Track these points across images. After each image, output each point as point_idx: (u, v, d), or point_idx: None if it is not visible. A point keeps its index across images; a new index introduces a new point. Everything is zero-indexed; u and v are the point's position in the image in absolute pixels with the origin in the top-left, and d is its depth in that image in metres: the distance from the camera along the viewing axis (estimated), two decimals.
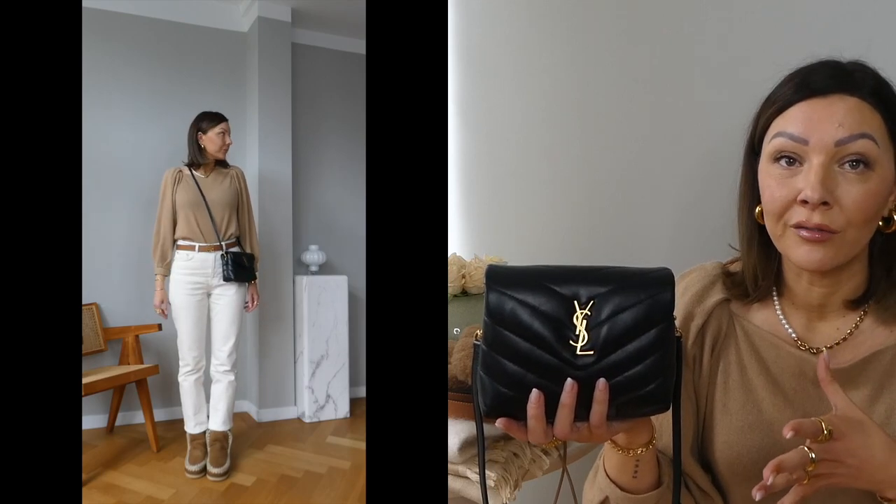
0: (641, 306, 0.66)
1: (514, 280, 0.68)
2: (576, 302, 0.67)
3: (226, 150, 2.58)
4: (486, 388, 0.68)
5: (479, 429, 0.77)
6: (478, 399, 0.70)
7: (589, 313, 0.67)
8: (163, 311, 2.55)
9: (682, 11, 1.41)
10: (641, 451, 0.80)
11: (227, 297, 2.56)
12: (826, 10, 1.22)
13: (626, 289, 0.67)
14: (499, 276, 0.69)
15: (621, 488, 0.85)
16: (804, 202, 0.76)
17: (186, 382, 2.57)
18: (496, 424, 0.70)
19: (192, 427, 2.60)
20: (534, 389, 0.66)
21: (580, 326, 0.67)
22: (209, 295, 2.57)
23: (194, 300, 2.53)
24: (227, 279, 2.52)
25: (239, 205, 2.64)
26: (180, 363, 2.57)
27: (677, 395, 0.71)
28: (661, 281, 0.67)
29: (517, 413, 0.68)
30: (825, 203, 0.75)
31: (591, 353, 0.66)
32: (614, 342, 0.66)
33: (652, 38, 1.47)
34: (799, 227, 0.78)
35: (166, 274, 2.52)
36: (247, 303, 2.66)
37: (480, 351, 0.69)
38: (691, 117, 1.41)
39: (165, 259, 2.52)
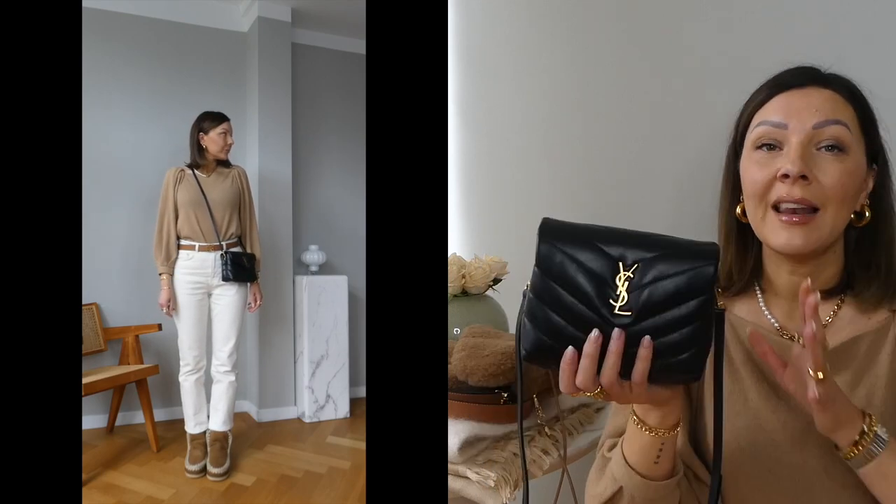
0: (684, 276, 0.68)
1: (565, 235, 0.71)
2: (621, 263, 0.69)
3: (227, 151, 2.58)
4: (528, 334, 0.71)
5: (520, 373, 0.80)
6: (519, 345, 0.73)
7: (632, 276, 0.69)
8: (168, 311, 2.52)
9: (682, 11, 1.41)
10: (667, 434, 0.80)
11: (227, 298, 2.56)
12: (826, 10, 1.22)
13: (671, 257, 0.69)
14: (552, 230, 0.72)
15: (640, 475, 0.85)
16: (785, 177, 0.81)
17: (187, 382, 2.57)
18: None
19: (192, 427, 2.60)
20: (569, 347, 0.69)
21: (621, 287, 0.69)
22: (210, 295, 2.57)
23: (195, 300, 2.52)
24: (226, 279, 2.51)
25: (241, 204, 2.63)
26: (181, 363, 2.57)
27: (719, 368, 0.74)
28: (707, 254, 0.69)
29: (553, 362, 0.70)
30: (804, 178, 0.80)
31: (629, 313, 0.68)
32: (652, 307, 0.68)
33: (652, 38, 1.47)
34: (779, 204, 0.82)
35: (171, 273, 2.50)
36: (249, 303, 2.66)
37: (527, 298, 0.72)
38: (691, 117, 1.41)
39: (170, 258, 2.50)
